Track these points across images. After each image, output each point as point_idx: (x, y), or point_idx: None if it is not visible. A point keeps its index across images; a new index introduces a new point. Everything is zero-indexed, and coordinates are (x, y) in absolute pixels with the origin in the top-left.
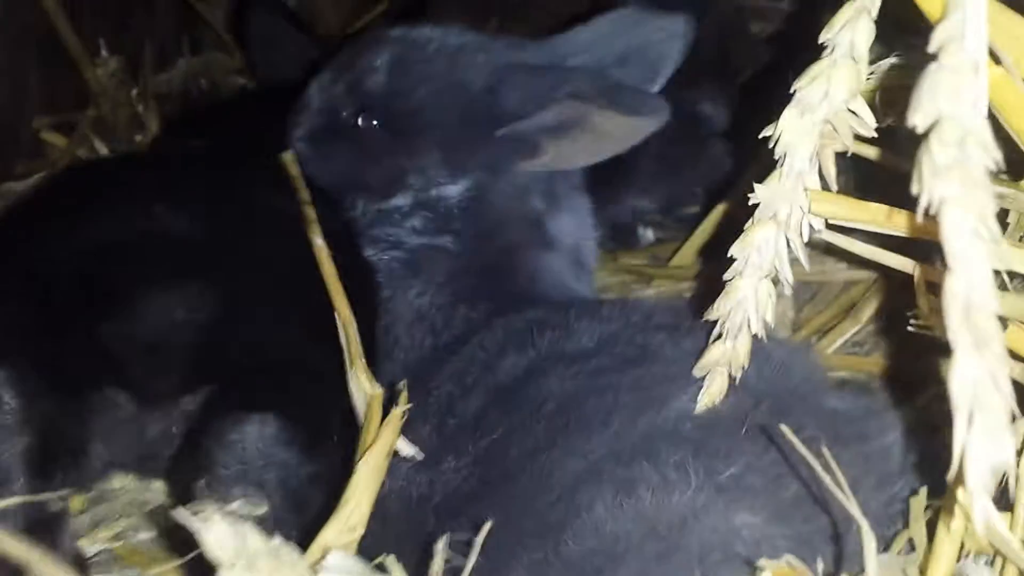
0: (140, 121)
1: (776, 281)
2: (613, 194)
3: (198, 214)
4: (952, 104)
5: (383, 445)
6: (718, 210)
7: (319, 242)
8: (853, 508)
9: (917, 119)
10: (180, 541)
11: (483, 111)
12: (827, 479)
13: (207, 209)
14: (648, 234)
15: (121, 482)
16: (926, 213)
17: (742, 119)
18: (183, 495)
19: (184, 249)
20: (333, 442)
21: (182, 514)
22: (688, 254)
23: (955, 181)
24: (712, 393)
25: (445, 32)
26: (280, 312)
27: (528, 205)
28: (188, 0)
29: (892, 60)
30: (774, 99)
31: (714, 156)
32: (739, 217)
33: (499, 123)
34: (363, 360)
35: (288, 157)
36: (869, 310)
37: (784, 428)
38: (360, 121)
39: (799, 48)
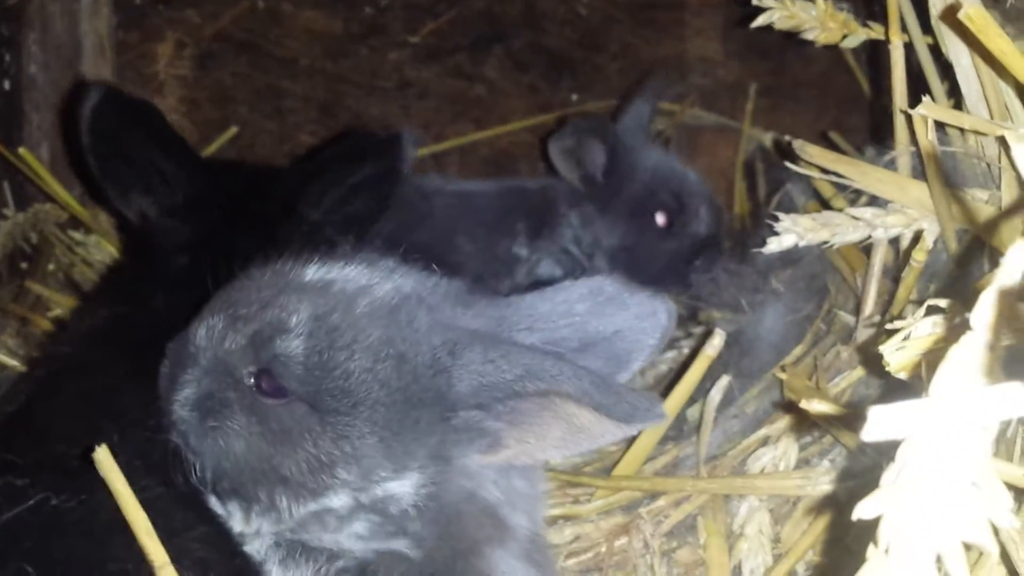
0: None
1: None
2: None
3: None
4: None
5: None
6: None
7: None
8: None
9: None
10: None
11: (430, 391)
12: None
13: None
14: None
15: None
16: None
17: None
18: None
19: None
20: None
21: None
22: (632, 462)
23: None
24: None
25: (372, 273)
26: None
27: (483, 495)
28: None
29: None
30: None
31: None
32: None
33: (450, 407)
34: None
35: (102, 455)
36: None
37: None
38: (264, 386)
39: None
